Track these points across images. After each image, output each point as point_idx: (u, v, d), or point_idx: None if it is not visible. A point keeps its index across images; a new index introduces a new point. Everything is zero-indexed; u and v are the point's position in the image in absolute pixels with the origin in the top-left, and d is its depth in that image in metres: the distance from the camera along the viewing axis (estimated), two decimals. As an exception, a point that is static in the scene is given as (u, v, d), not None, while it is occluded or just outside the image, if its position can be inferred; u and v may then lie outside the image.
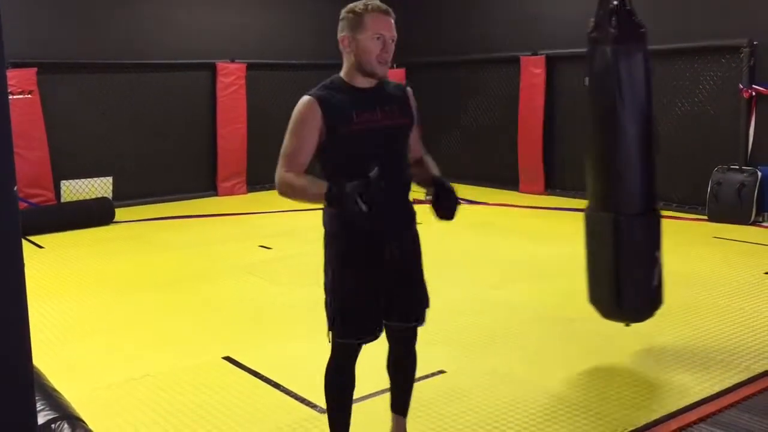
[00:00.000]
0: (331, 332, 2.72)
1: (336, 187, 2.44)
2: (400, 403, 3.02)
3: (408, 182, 2.75)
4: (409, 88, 2.83)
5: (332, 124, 2.55)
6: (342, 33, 2.60)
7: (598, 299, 3.88)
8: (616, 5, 3.58)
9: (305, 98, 2.58)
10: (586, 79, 3.78)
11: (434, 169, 2.88)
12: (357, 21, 2.55)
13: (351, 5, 2.61)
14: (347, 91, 2.61)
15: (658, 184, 3.78)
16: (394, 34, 2.60)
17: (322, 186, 2.49)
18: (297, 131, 2.60)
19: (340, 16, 2.63)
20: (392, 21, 2.59)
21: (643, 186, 3.71)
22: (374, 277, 2.67)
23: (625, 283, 3.73)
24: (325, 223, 2.74)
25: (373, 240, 2.64)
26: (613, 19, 3.55)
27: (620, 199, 3.69)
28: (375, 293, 2.68)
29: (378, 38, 2.54)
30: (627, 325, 3.91)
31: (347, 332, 2.68)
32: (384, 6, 2.59)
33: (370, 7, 2.55)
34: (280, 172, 2.66)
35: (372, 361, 3.46)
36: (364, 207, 2.35)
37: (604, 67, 3.60)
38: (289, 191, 2.63)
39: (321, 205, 2.65)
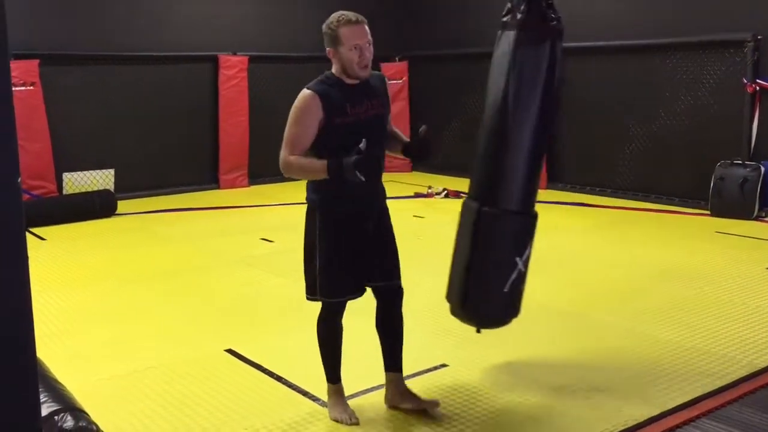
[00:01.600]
0: (313, 295, 3.17)
1: (336, 161, 2.88)
2: (394, 361, 3.33)
3: (382, 166, 3.17)
4: (386, 77, 3.28)
5: (330, 115, 2.98)
6: (327, 47, 3.05)
7: (448, 294, 3.54)
8: None
9: (307, 92, 3.00)
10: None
11: (403, 136, 3.31)
12: (335, 36, 2.99)
13: (327, 21, 3.04)
14: (340, 86, 3.04)
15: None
16: (369, 38, 3.00)
17: (323, 162, 2.93)
18: (300, 121, 3.00)
19: (323, 31, 3.06)
20: (364, 27, 3.01)
21: (521, 183, 3.37)
22: (355, 243, 3.10)
23: (473, 281, 3.37)
24: (311, 198, 3.14)
25: (355, 212, 3.10)
26: (524, 5, 3.37)
27: (493, 190, 3.36)
28: (356, 257, 3.11)
29: (354, 48, 2.97)
30: (478, 331, 3.57)
31: (334, 292, 3.13)
32: (354, 17, 3.00)
33: (342, 20, 2.98)
34: (284, 156, 3.06)
35: (369, 359, 3.46)
36: (362, 177, 2.84)
37: (502, 52, 3.36)
38: (293, 169, 3.04)
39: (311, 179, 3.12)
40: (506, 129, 3.30)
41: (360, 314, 3.51)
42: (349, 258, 3.10)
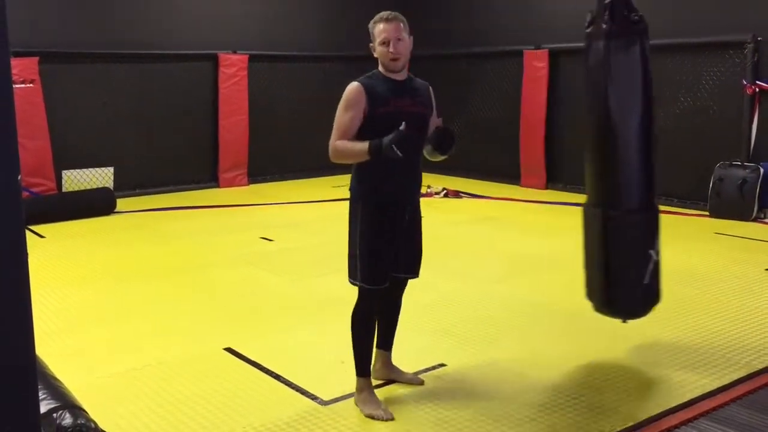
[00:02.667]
0: (355, 279, 3.32)
1: (377, 140, 3.13)
2: (387, 340, 3.64)
3: (420, 163, 3.39)
4: (430, 86, 3.48)
5: (373, 105, 3.22)
6: (369, 44, 3.33)
7: (591, 294, 3.85)
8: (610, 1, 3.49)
9: (354, 83, 3.26)
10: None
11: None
12: (371, 32, 3.31)
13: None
14: (384, 81, 3.29)
15: (658, 180, 3.70)
16: (399, 34, 3.25)
17: (364, 143, 3.17)
18: (347, 110, 3.24)
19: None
20: (396, 24, 3.26)
21: (639, 182, 3.62)
22: (392, 232, 3.30)
23: (615, 280, 3.65)
24: (354, 188, 3.35)
25: (394, 200, 3.31)
26: (607, 13, 3.48)
27: (612, 194, 3.62)
28: (390, 247, 3.30)
29: (384, 43, 3.24)
30: (624, 321, 3.86)
31: (374, 280, 3.28)
32: (388, 14, 3.29)
33: (378, 18, 3.29)
34: (333, 141, 3.27)
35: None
36: (399, 153, 3.07)
37: (596, 63, 3.52)
38: (339, 153, 3.26)
39: (347, 181, 3.41)
40: (616, 135, 3.52)
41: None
42: (386, 246, 3.29)
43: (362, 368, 3.40)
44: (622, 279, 3.66)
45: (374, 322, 3.42)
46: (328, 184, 9.76)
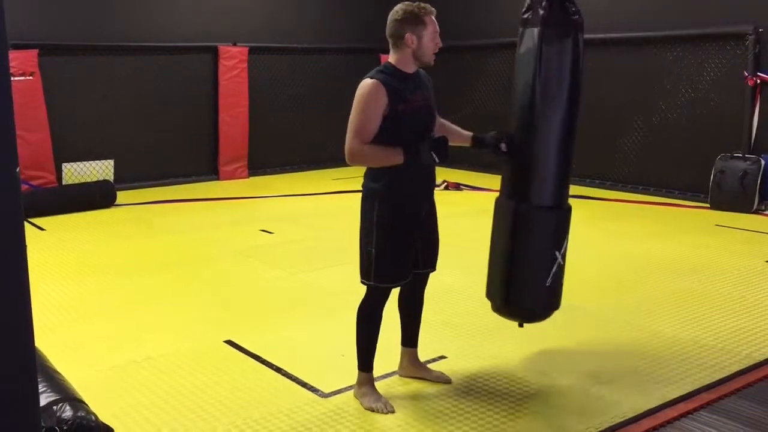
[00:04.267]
0: (368, 279, 3.24)
1: (413, 146, 3.07)
2: (411, 337, 3.58)
3: None
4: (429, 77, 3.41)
5: (394, 103, 3.09)
6: (404, 31, 3.15)
7: (490, 293, 3.59)
8: None
9: (371, 81, 3.10)
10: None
11: (458, 129, 3.58)
12: (418, 21, 3.15)
13: (405, 7, 3.18)
14: (399, 76, 3.16)
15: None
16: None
17: (396, 149, 3.07)
18: (366, 109, 3.08)
19: (396, 16, 3.19)
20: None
21: (553, 178, 3.43)
22: (410, 231, 3.25)
23: (515, 278, 3.44)
24: (369, 187, 3.22)
25: (412, 199, 3.24)
26: (545, 1, 3.37)
27: (525, 188, 3.43)
28: (409, 245, 3.26)
29: (435, 39, 3.18)
30: (520, 325, 3.61)
31: (387, 278, 3.23)
32: (433, 8, 3.22)
33: (427, 9, 3.18)
34: (351, 144, 3.11)
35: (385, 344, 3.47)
36: (437, 159, 3.05)
37: (527, 49, 3.36)
38: (366, 158, 3.13)
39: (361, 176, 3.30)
40: (535, 125, 3.35)
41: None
42: (404, 245, 3.24)
43: (365, 363, 3.38)
44: (523, 278, 3.45)
45: (380, 318, 3.36)
46: (329, 176, 9.75)
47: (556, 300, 3.56)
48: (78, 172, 8.87)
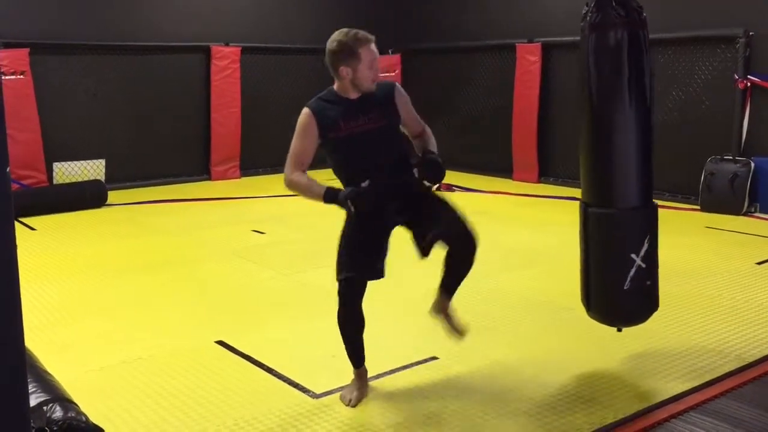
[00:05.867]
0: (337, 277, 3.24)
1: (332, 194, 3.13)
2: (448, 289, 3.48)
3: (401, 166, 3.31)
4: (397, 86, 3.33)
5: (324, 131, 3.17)
6: (338, 64, 3.14)
7: (581, 297, 3.70)
8: None
9: (305, 111, 3.19)
10: (584, 69, 3.59)
11: (429, 142, 3.38)
12: (352, 52, 3.12)
13: (340, 38, 3.15)
14: (338, 102, 3.20)
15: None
16: (378, 55, 3.18)
17: (321, 189, 3.16)
18: (299, 138, 3.20)
19: (331, 47, 3.16)
20: (374, 44, 3.18)
21: (635, 181, 3.43)
22: (374, 231, 3.24)
23: (593, 283, 3.50)
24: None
25: (376, 214, 3.20)
26: (594, 5, 3.40)
27: (599, 190, 3.47)
28: (373, 242, 3.25)
29: (372, 67, 3.14)
30: (618, 330, 3.71)
31: (345, 268, 3.22)
32: (369, 35, 3.16)
33: (362, 38, 3.13)
34: (286, 171, 3.24)
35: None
36: (352, 209, 3.08)
37: (589, 55, 3.41)
38: (293, 187, 3.24)
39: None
40: (610, 129, 3.40)
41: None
42: (365, 242, 3.24)
43: (353, 361, 3.42)
44: (601, 282, 3.50)
45: (357, 321, 3.31)
46: (320, 177, 9.68)
47: (647, 302, 3.57)
48: (69, 172, 8.84)
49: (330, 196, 3.12)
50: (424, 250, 3.34)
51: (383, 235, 3.30)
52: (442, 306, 3.57)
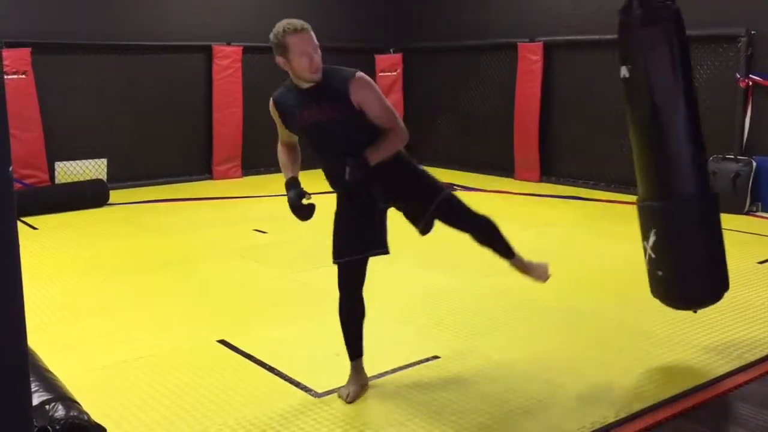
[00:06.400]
0: (333, 262, 3.38)
1: (287, 188, 3.37)
2: (501, 253, 3.64)
3: (358, 145, 3.23)
4: (356, 78, 3.16)
5: (284, 120, 3.34)
6: (276, 57, 3.20)
7: (687, 290, 3.75)
8: None
9: (270, 100, 3.37)
10: (623, 68, 3.57)
11: (376, 143, 3.24)
12: (282, 45, 3.14)
13: (274, 31, 3.20)
14: (295, 92, 3.26)
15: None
16: (316, 44, 3.15)
17: (286, 178, 3.41)
18: (276, 121, 3.41)
19: (270, 41, 3.23)
20: (310, 33, 3.15)
21: (694, 171, 3.73)
22: (356, 213, 3.35)
23: (719, 266, 3.69)
24: None
25: (350, 195, 3.34)
26: (665, 2, 3.42)
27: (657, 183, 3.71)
28: (355, 226, 3.35)
29: (304, 56, 3.10)
30: (694, 311, 3.92)
31: (335, 254, 3.35)
32: (299, 25, 3.14)
33: (289, 29, 3.13)
34: (279, 144, 3.49)
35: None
36: (291, 211, 3.33)
37: (634, 51, 3.48)
38: (279, 162, 3.48)
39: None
40: (660, 123, 3.59)
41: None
42: (347, 225, 3.35)
43: (348, 352, 3.48)
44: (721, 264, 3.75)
45: (352, 308, 3.41)
46: (322, 176, 9.73)
47: (661, 291, 3.76)
48: (71, 171, 8.85)
49: (286, 187, 3.36)
50: (422, 232, 3.44)
51: (368, 215, 3.35)
52: (518, 266, 3.72)
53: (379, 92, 3.25)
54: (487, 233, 3.54)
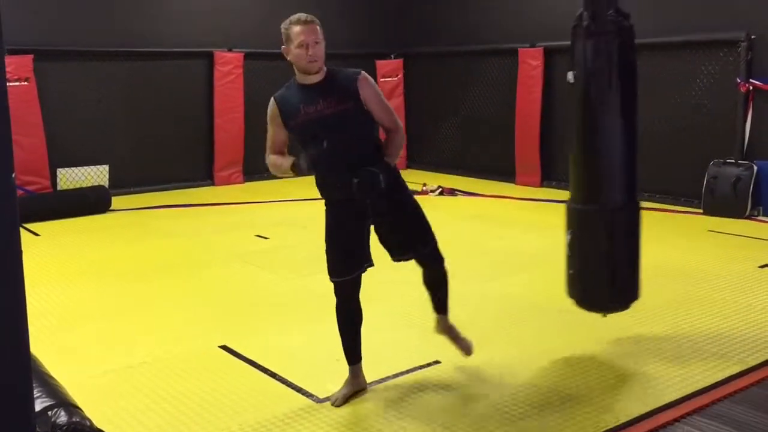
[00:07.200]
0: (329, 277, 3.42)
1: (296, 161, 3.25)
2: (437, 307, 3.73)
3: (369, 153, 3.31)
4: (362, 75, 3.31)
5: (284, 119, 3.32)
6: (282, 46, 3.31)
7: (587, 291, 3.90)
8: None
9: (271, 100, 3.37)
10: (570, 74, 3.77)
11: (390, 147, 3.38)
12: (287, 35, 3.27)
13: (284, 22, 3.31)
14: (298, 89, 3.31)
15: (642, 176, 3.84)
16: (317, 37, 3.23)
17: (288, 162, 3.30)
18: (270, 125, 3.39)
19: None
20: (313, 26, 3.24)
21: (618, 181, 3.76)
22: (348, 226, 3.36)
23: (627, 274, 3.79)
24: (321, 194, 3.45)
25: (344, 198, 3.31)
26: (611, 12, 3.52)
27: (605, 192, 3.75)
28: (349, 239, 3.36)
29: (302, 46, 3.20)
30: (604, 315, 3.97)
31: (333, 272, 3.40)
32: (305, 17, 3.25)
33: (294, 20, 3.26)
34: (266, 154, 3.44)
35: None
36: (304, 166, 3.19)
37: (601, 57, 3.58)
38: (271, 168, 3.41)
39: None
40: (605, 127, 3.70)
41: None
42: (342, 240, 3.37)
43: (346, 357, 3.51)
44: (625, 271, 3.90)
45: (350, 316, 3.46)
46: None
47: (572, 289, 3.93)
48: (73, 178, 8.87)
49: (295, 164, 3.24)
50: (396, 260, 3.54)
51: (360, 228, 3.38)
52: (442, 326, 3.76)
53: (382, 93, 3.41)
54: (440, 282, 3.66)
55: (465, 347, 3.75)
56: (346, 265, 3.38)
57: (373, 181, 3.20)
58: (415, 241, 3.46)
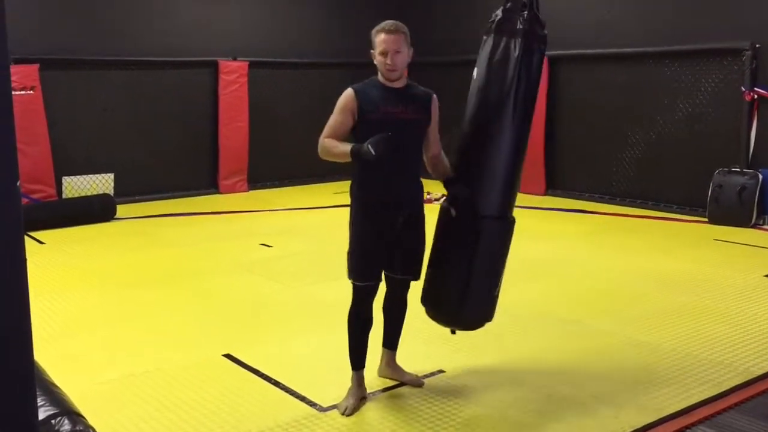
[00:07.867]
0: (348, 277, 3.44)
1: (356, 147, 3.23)
2: (391, 340, 3.73)
3: (416, 167, 3.49)
4: (434, 96, 3.54)
5: (363, 111, 3.34)
6: (371, 50, 3.42)
7: (427, 299, 3.61)
8: (528, 1, 3.44)
9: (349, 90, 3.39)
10: (475, 71, 3.63)
11: (443, 169, 3.59)
12: (373, 40, 3.39)
13: (376, 26, 3.41)
14: (379, 88, 3.40)
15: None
16: (398, 47, 3.33)
17: (347, 147, 3.28)
18: (339, 113, 3.38)
19: None
20: (397, 36, 3.33)
21: (493, 193, 3.54)
22: (380, 231, 3.38)
23: (480, 294, 3.54)
24: (351, 187, 3.47)
25: (381, 201, 3.38)
26: (525, 14, 3.45)
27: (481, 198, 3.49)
28: (378, 245, 3.39)
29: (383, 54, 3.32)
30: (453, 332, 3.69)
31: (360, 276, 3.40)
32: (391, 25, 3.35)
33: (380, 27, 3.37)
34: (322, 137, 3.40)
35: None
36: (373, 152, 3.12)
37: (502, 57, 3.47)
38: (325, 150, 3.39)
39: (345, 186, 3.55)
40: (499, 135, 3.60)
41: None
42: (369, 244, 3.39)
43: (352, 362, 3.51)
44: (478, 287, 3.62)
45: (365, 319, 3.48)
46: (329, 190, 9.76)
47: (426, 298, 3.64)
48: (78, 186, 8.89)
49: (355, 149, 3.22)
50: (390, 274, 3.55)
51: (390, 236, 3.40)
52: (389, 363, 3.74)
53: None
54: (400, 313, 3.68)
55: (414, 383, 3.69)
56: (371, 270, 3.41)
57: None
58: (416, 262, 3.52)
